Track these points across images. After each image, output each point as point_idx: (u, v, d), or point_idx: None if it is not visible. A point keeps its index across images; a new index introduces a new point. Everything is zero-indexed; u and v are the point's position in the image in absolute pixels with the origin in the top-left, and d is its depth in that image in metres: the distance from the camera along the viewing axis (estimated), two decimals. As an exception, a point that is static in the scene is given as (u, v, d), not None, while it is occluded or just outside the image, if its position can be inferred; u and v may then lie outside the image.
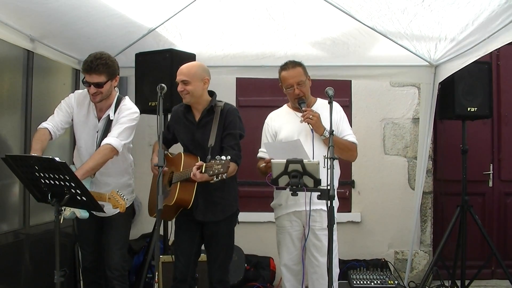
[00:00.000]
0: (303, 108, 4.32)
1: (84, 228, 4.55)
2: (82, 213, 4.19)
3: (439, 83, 5.81)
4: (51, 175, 3.43)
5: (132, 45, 5.75)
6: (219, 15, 5.42)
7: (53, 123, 4.32)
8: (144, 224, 6.51)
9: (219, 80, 6.25)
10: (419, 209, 6.42)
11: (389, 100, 6.89)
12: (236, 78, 6.86)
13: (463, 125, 5.95)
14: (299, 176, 3.77)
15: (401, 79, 6.54)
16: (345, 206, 6.76)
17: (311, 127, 4.25)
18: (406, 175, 6.82)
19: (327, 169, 3.68)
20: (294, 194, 3.80)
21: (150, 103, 5.46)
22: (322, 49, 5.88)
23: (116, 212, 4.24)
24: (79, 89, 5.10)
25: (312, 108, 4.41)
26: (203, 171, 3.83)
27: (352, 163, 6.53)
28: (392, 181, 6.82)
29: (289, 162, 3.81)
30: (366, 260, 6.54)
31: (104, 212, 4.00)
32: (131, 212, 4.68)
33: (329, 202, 3.64)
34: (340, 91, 6.47)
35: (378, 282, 5.51)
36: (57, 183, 3.44)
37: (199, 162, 3.93)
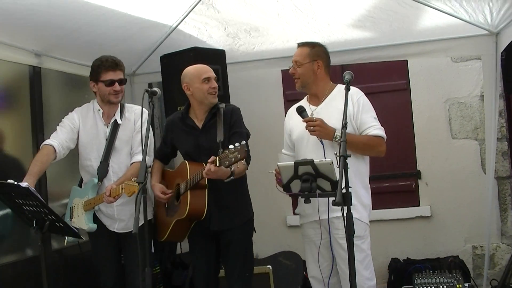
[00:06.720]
0: (302, 120, 3.87)
1: (101, 247, 4.31)
2: (90, 225, 4.02)
3: (502, 51, 5.14)
4: (28, 202, 3.16)
5: (157, 49, 5.66)
6: (244, 13, 5.31)
7: (58, 140, 4.08)
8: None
9: (262, 74, 6.22)
10: (492, 196, 5.71)
11: (452, 78, 6.21)
12: (282, 71, 6.43)
13: (537, 97, 5.28)
14: (311, 180, 3.27)
15: (458, 53, 5.83)
16: (412, 200, 6.34)
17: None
18: (478, 160, 6.12)
19: (340, 168, 3.14)
20: (307, 201, 3.32)
21: (179, 108, 5.11)
22: (363, 30, 5.42)
23: (129, 231, 3.97)
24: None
25: (327, 97, 4.05)
26: (217, 164, 3.55)
27: (417, 151, 6.22)
28: (463, 168, 6.15)
29: (297, 164, 3.32)
30: (439, 258, 5.91)
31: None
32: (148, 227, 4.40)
33: (345, 208, 3.10)
34: (395, 73, 6.30)
35: (445, 286, 4.95)
36: (35, 209, 3.16)
37: (212, 157, 3.62)
